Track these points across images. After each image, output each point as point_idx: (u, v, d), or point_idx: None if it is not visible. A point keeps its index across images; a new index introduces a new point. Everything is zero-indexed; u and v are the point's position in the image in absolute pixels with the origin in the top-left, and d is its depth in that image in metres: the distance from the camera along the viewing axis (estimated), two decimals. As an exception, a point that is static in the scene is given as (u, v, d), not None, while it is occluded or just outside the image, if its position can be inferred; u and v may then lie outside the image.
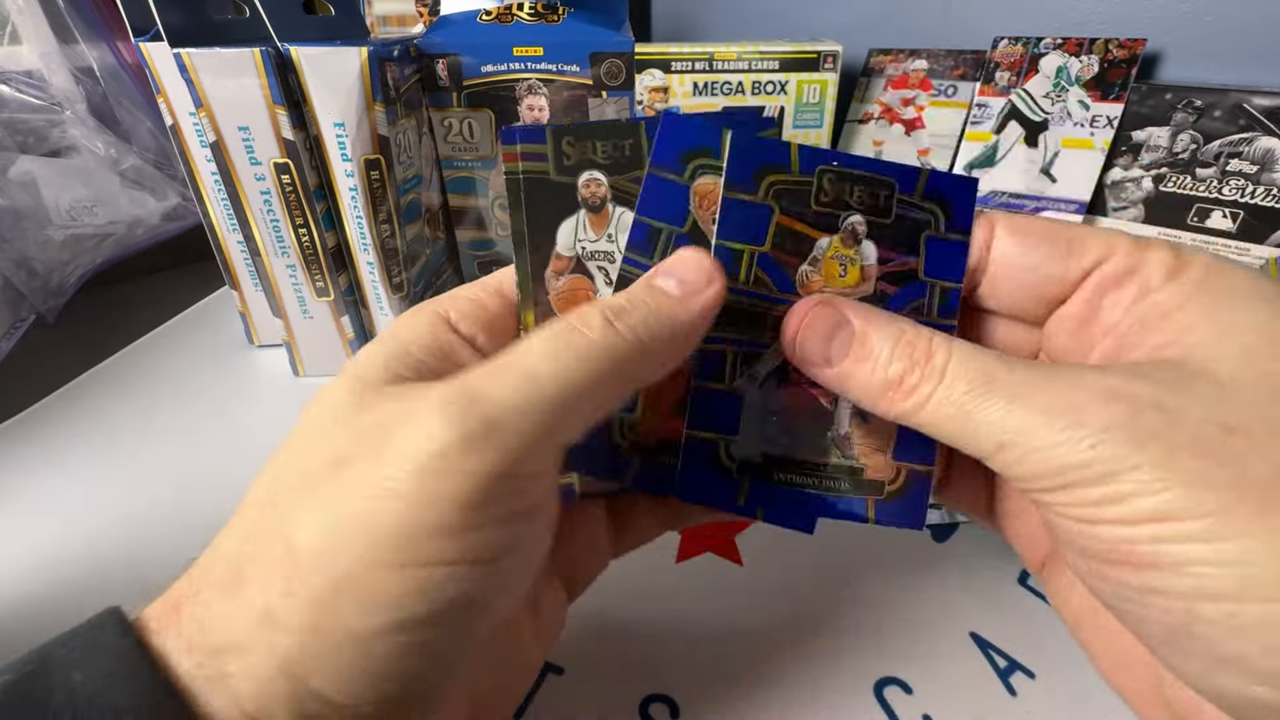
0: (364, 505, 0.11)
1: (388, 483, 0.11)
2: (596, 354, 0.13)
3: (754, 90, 0.60)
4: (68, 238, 0.45)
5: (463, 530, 0.11)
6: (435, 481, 0.11)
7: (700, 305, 0.14)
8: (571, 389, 0.12)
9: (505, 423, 0.12)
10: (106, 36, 0.48)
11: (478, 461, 0.11)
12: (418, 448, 0.11)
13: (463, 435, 0.11)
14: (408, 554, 0.11)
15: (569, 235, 0.17)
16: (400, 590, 0.11)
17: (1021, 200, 0.59)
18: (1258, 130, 0.50)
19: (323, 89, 0.32)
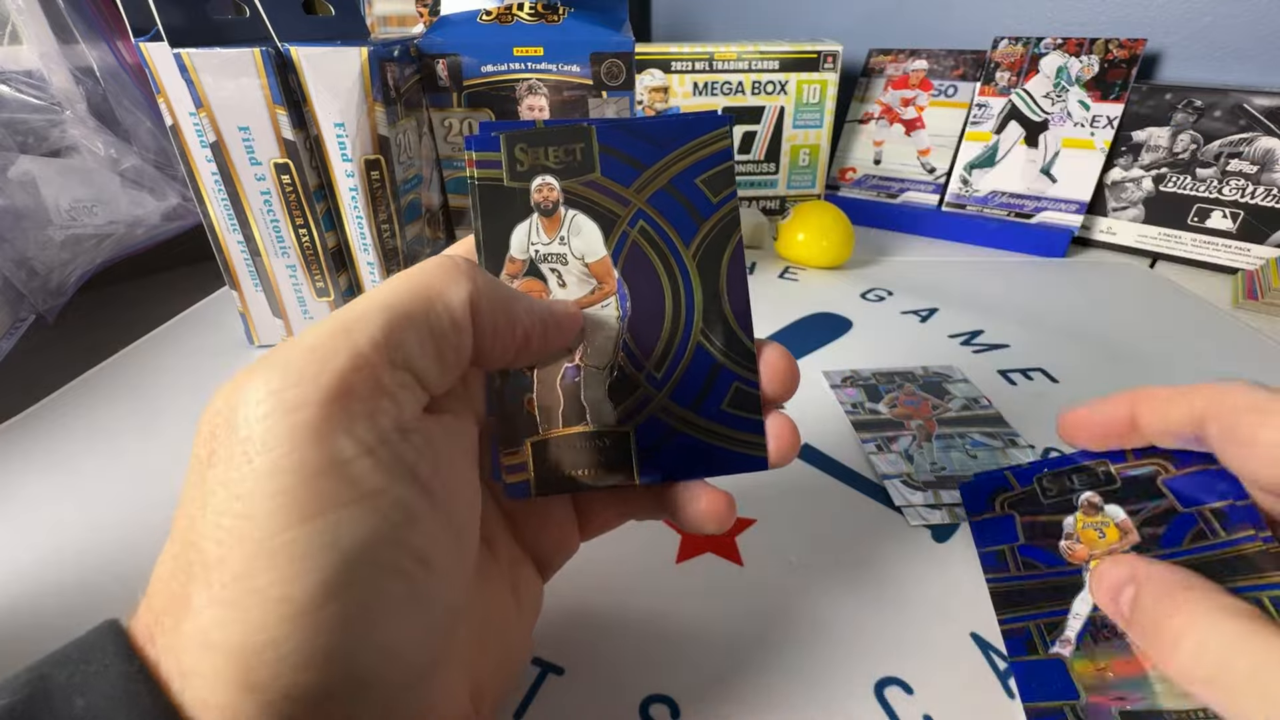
0: (238, 487, 0.11)
1: (245, 455, 0.11)
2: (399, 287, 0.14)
3: (754, 90, 0.60)
4: (68, 238, 0.45)
5: (332, 466, 0.11)
6: (281, 431, 0.11)
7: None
8: (372, 313, 0.13)
9: (312, 355, 0.12)
10: (106, 36, 0.48)
11: (301, 393, 0.12)
12: (251, 413, 0.11)
13: (282, 377, 0.12)
14: (294, 512, 0.11)
15: (523, 239, 0.18)
16: (306, 552, 0.11)
17: (1021, 200, 0.59)
18: (1258, 130, 0.50)
19: (323, 89, 0.32)
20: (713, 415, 0.18)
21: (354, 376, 0.12)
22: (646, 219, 0.18)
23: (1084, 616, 0.20)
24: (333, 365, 0.12)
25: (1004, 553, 0.22)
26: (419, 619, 0.12)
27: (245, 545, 0.11)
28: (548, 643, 0.23)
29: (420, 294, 0.13)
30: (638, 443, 0.18)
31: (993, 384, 0.37)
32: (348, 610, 0.11)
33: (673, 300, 0.18)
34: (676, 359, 0.18)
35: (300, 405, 0.11)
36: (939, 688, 0.21)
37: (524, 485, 0.18)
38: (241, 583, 0.11)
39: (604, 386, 0.18)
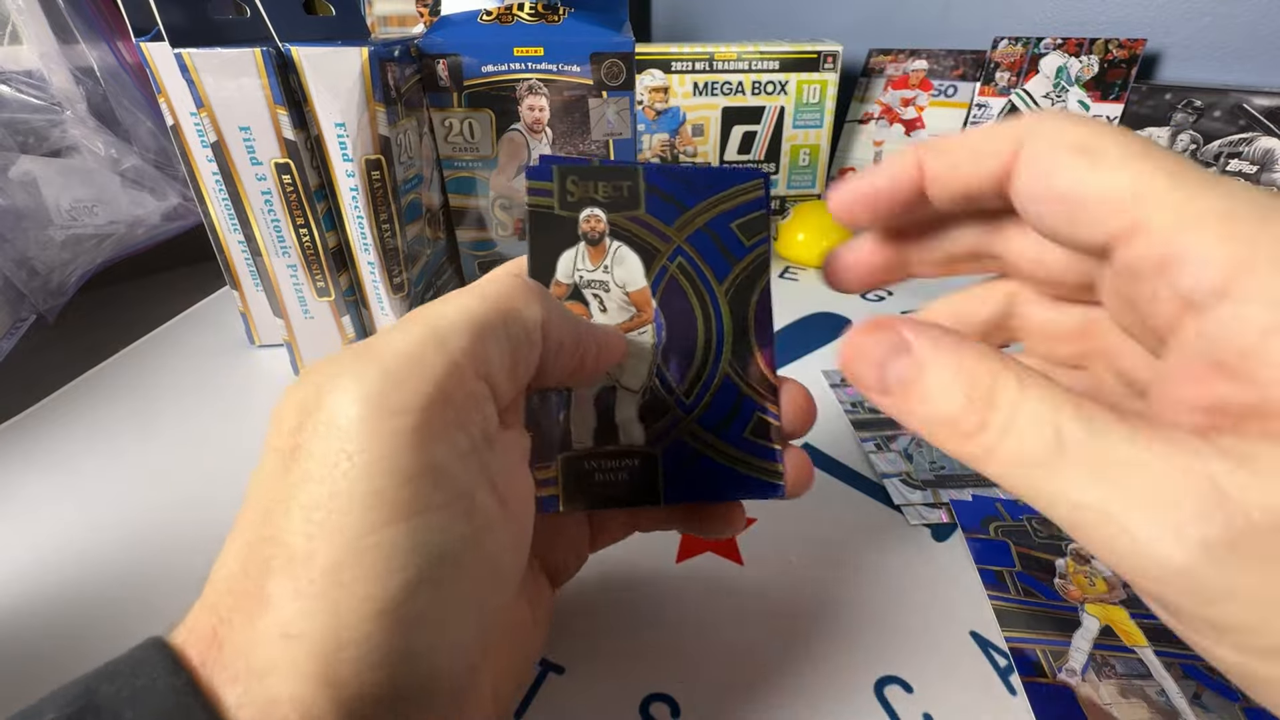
0: (335, 484, 0.11)
1: (344, 453, 0.11)
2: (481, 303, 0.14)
3: (754, 90, 0.60)
4: (68, 238, 0.45)
5: (424, 471, 0.12)
6: (383, 433, 0.11)
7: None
8: (461, 324, 0.13)
9: (411, 362, 0.12)
10: (107, 36, 0.48)
11: (402, 399, 0.12)
12: (350, 411, 0.12)
13: (381, 381, 0.12)
14: (388, 512, 0.11)
15: (569, 264, 0.19)
16: (395, 552, 0.11)
17: (1021, 200, 0.59)
18: (1257, 130, 0.50)
19: (324, 89, 0.32)
20: (735, 441, 0.19)
21: (451, 385, 0.12)
22: (685, 255, 0.19)
23: (1085, 651, 0.22)
24: (432, 374, 0.12)
25: (1003, 574, 0.24)
26: (479, 620, 0.13)
27: (336, 540, 0.11)
28: (548, 642, 0.23)
29: (501, 308, 0.14)
30: (664, 464, 0.19)
31: (992, 384, 0.37)
32: (427, 611, 0.12)
33: (704, 331, 0.19)
34: (705, 386, 0.19)
35: (403, 411, 0.12)
36: (939, 687, 0.21)
37: (553, 499, 0.18)
38: (330, 577, 0.11)
39: (636, 408, 0.19)
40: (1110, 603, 0.23)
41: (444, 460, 0.12)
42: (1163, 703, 0.20)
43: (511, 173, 0.42)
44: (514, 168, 0.41)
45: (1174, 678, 0.21)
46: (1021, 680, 0.21)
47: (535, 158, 0.41)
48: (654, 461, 0.19)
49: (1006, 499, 0.28)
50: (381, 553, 0.11)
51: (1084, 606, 0.23)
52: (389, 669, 0.11)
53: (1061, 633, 0.22)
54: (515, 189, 0.42)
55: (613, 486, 0.18)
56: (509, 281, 0.15)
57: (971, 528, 0.26)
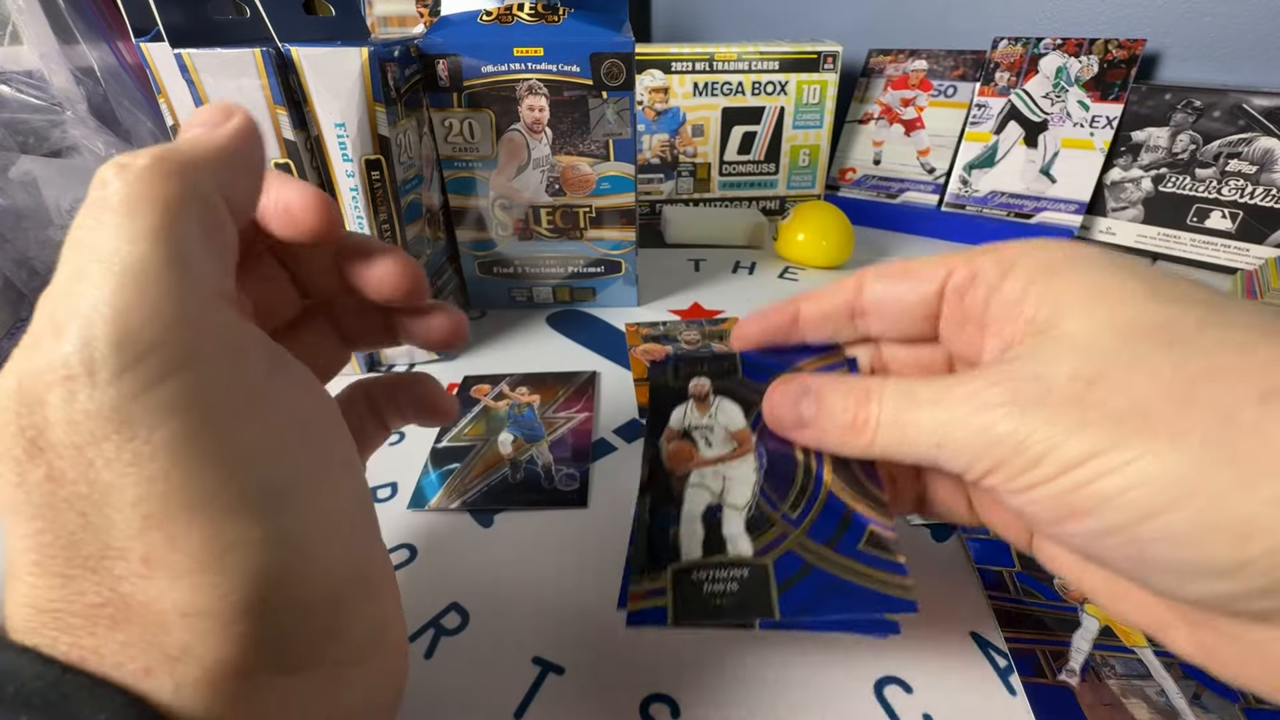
0: (132, 466, 0.11)
1: (119, 440, 0.11)
2: (137, 200, 0.12)
3: (754, 91, 0.60)
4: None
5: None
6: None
7: (224, 125, 0.14)
8: (142, 243, 0.11)
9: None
10: (107, 37, 0.48)
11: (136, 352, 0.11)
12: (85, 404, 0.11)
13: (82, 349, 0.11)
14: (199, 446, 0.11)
15: (680, 416, 0.23)
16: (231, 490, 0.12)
17: (1021, 200, 0.59)
18: (1257, 130, 0.50)
19: (323, 89, 0.32)
20: (849, 553, 0.19)
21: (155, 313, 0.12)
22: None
23: (1085, 652, 0.22)
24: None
25: (1003, 575, 0.24)
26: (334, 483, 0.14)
27: (173, 509, 0.11)
28: (548, 643, 0.23)
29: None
30: (776, 575, 0.19)
31: (992, 384, 0.37)
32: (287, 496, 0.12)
33: (804, 459, 0.21)
34: (811, 501, 0.20)
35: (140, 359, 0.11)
36: (938, 686, 0.21)
37: (661, 611, 0.19)
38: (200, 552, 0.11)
39: (742, 522, 0.20)
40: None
41: (256, 391, 0.12)
42: (1162, 703, 0.20)
43: (511, 173, 0.42)
44: (514, 168, 0.41)
45: (1174, 678, 0.21)
46: (1021, 680, 0.21)
47: (534, 158, 0.41)
48: (764, 571, 0.19)
49: None
50: (243, 502, 0.11)
51: (1084, 607, 0.23)
52: (269, 582, 0.12)
53: (1061, 633, 0.22)
54: (515, 189, 0.42)
55: (723, 596, 0.19)
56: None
57: (970, 528, 0.26)
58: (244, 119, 0.15)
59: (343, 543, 0.14)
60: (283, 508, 0.12)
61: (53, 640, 0.11)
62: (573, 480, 0.30)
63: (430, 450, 0.32)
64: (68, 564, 0.11)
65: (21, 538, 0.11)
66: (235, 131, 0.14)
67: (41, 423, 0.11)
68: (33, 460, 0.11)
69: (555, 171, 0.42)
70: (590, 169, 0.42)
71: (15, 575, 0.11)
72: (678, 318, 0.45)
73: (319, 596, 0.13)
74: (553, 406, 0.35)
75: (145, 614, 0.11)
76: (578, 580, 0.25)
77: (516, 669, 0.22)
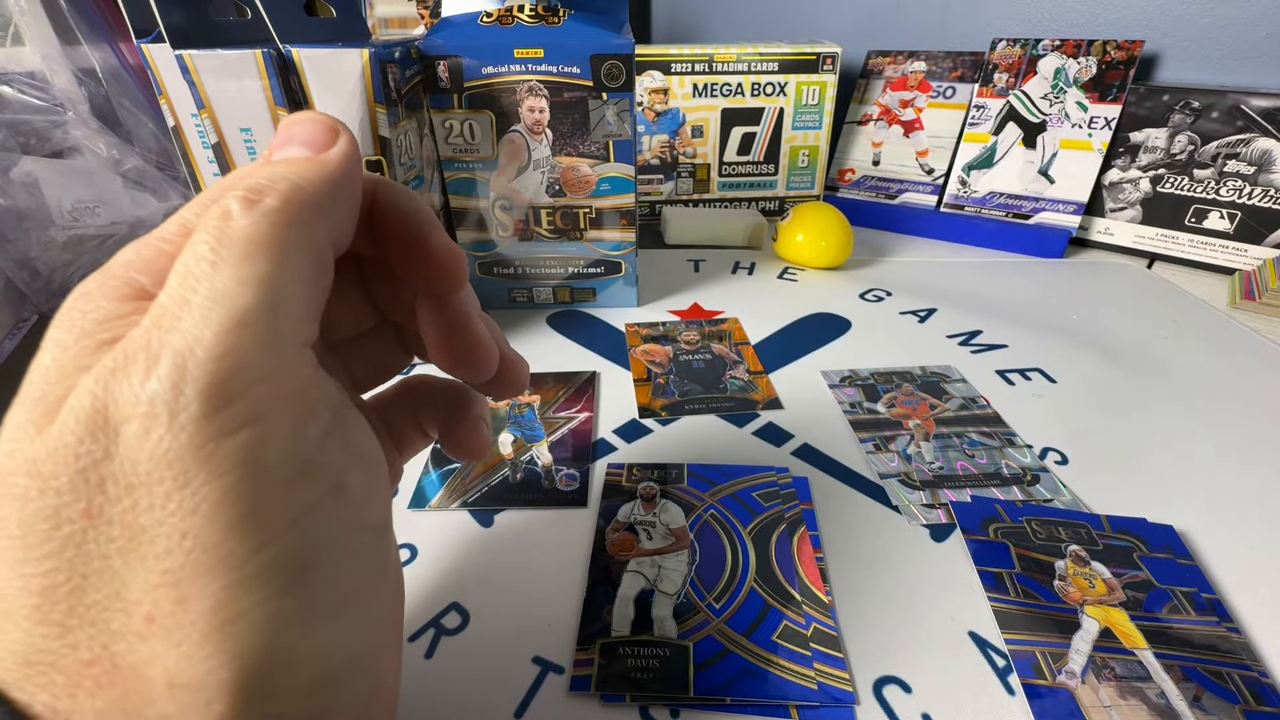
0: (176, 526, 0.10)
1: (166, 496, 0.10)
2: (260, 242, 0.11)
3: (753, 92, 0.60)
4: (70, 238, 0.45)
5: (295, 476, 0.11)
6: (211, 459, 0.10)
7: (338, 156, 0.13)
8: (254, 288, 0.11)
9: (192, 356, 0.10)
10: (108, 38, 0.48)
11: (236, 413, 0.10)
12: (159, 444, 0.10)
13: (198, 402, 0.10)
14: (260, 535, 0.11)
15: (627, 511, 0.28)
16: (276, 568, 0.11)
17: (1019, 201, 0.59)
18: (1255, 131, 0.50)
19: (324, 90, 0.32)
20: (764, 643, 0.22)
21: (291, 378, 0.12)
22: (716, 510, 0.28)
23: (1085, 653, 0.22)
24: (265, 370, 0.11)
25: (1002, 576, 0.25)
26: (375, 602, 0.14)
27: (205, 581, 0.11)
28: (548, 643, 0.23)
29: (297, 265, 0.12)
30: (695, 656, 0.21)
31: (991, 384, 0.37)
32: (330, 617, 0.12)
33: (732, 558, 0.25)
34: (733, 596, 0.24)
35: (240, 425, 0.11)
36: (938, 686, 0.21)
37: (586, 680, 0.21)
38: (212, 618, 0.11)
39: (671, 607, 0.23)
40: (1110, 605, 0.23)
41: (309, 456, 0.11)
42: (1162, 705, 0.20)
43: (511, 174, 0.42)
44: (514, 169, 0.42)
45: (1174, 680, 0.21)
46: (1020, 681, 0.21)
47: (535, 160, 0.41)
48: (685, 653, 0.22)
49: (1005, 500, 0.28)
50: (263, 574, 0.11)
51: (1083, 608, 0.23)
52: (309, 697, 0.11)
53: (1061, 634, 0.22)
54: (515, 190, 0.42)
55: (644, 671, 0.21)
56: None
57: (970, 529, 0.26)
58: (349, 144, 0.14)
59: (353, 621, 0.13)
60: (300, 585, 0.11)
61: (29, 697, 0.10)
62: (573, 480, 0.30)
63: (431, 450, 0.32)
64: (69, 612, 0.10)
65: (26, 576, 0.10)
66: (343, 161, 0.13)
67: (103, 453, 0.10)
68: (75, 492, 0.10)
69: (555, 172, 0.42)
70: (590, 170, 0.42)
71: (7, 615, 0.10)
72: (677, 318, 0.46)
73: (312, 681, 0.12)
74: (553, 406, 0.35)
75: (131, 680, 0.10)
76: (578, 580, 0.25)
77: (516, 669, 0.22)
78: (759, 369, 0.39)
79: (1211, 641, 0.22)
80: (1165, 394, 0.36)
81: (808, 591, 0.24)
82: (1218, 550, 0.26)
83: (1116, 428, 0.33)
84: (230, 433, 0.10)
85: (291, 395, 0.11)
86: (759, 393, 0.36)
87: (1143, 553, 0.25)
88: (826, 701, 0.20)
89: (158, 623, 0.10)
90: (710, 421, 0.34)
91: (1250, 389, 0.37)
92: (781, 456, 0.31)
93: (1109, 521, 0.27)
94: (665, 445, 0.32)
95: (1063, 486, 0.29)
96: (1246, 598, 0.24)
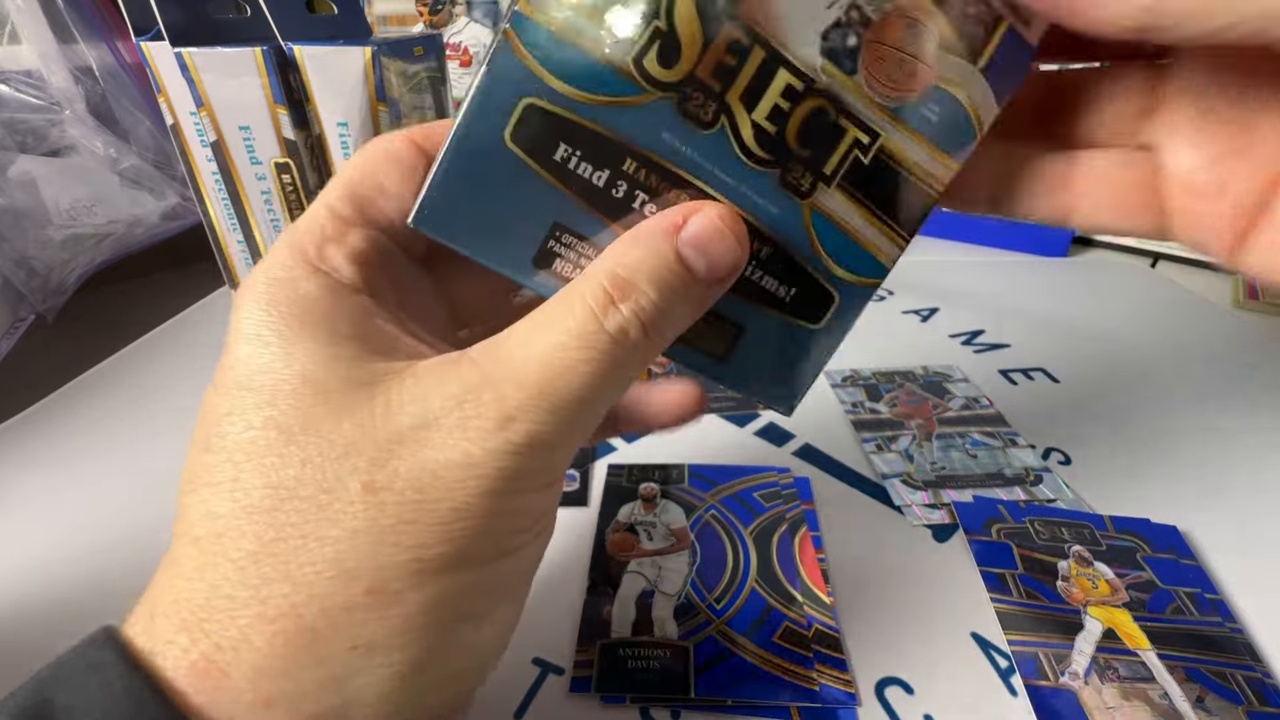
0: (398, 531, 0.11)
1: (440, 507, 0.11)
2: (613, 351, 0.12)
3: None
4: (67, 237, 0.45)
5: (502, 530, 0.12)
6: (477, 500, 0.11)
7: (718, 290, 0.13)
8: (594, 390, 0.12)
9: (539, 438, 0.12)
10: (106, 36, 0.48)
11: (511, 483, 0.12)
12: (456, 473, 0.11)
13: (500, 452, 0.11)
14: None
15: (628, 512, 0.28)
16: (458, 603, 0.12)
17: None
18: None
19: (326, 88, 0.32)
20: (765, 644, 0.22)
21: (552, 466, 0.14)
22: (717, 510, 0.27)
23: (1088, 654, 0.22)
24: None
25: (1005, 577, 0.25)
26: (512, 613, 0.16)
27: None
28: (548, 643, 0.22)
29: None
30: (695, 658, 0.21)
31: (993, 383, 0.37)
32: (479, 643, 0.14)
33: (733, 559, 0.25)
34: (734, 597, 0.23)
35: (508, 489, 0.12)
36: (940, 688, 0.21)
37: (586, 680, 0.21)
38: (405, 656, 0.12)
39: (671, 609, 0.23)
40: (1113, 605, 0.23)
41: (547, 510, 0.14)
42: (1165, 706, 0.20)
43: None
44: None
45: (1177, 681, 0.21)
46: (1023, 683, 0.21)
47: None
48: (685, 654, 0.21)
49: (1009, 500, 0.28)
50: (488, 582, 0.13)
51: (1086, 609, 0.23)
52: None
53: (1064, 635, 0.22)
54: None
55: (645, 672, 0.21)
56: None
57: (973, 529, 0.26)
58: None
59: (499, 639, 0.15)
60: (493, 603, 0.14)
61: (182, 652, 0.11)
62: (572, 480, 0.30)
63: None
64: (279, 563, 0.11)
65: (254, 515, 0.11)
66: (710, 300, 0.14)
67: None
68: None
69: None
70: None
71: (219, 549, 0.11)
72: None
73: (463, 671, 0.14)
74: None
75: (307, 640, 0.11)
76: (578, 581, 0.25)
77: (516, 669, 0.22)
78: (760, 368, 0.39)
79: (1215, 642, 0.22)
80: (1169, 394, 0.36)
81: (809, 592, 0.24)
82: (1221, 551, 0.26)
83: (1119, 428, 0.33)
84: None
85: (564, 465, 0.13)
86: (760, 392, 0.36)
87: (1146, 553, 0.25)
88: (828, 703, 0.20)
89: (376, 596, 0.11)
90: (711, 421, 0.34)
91: (1254, 389, 0.37)
92: (783, 456, 0.31)
93: (1112, 522, 0.26)
94: (665, 445, 0.32)
95: (1065, 487, 0.29)
96: (1250, 598, 0.24)
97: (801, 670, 0.21)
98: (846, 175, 0.14)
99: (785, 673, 0.21)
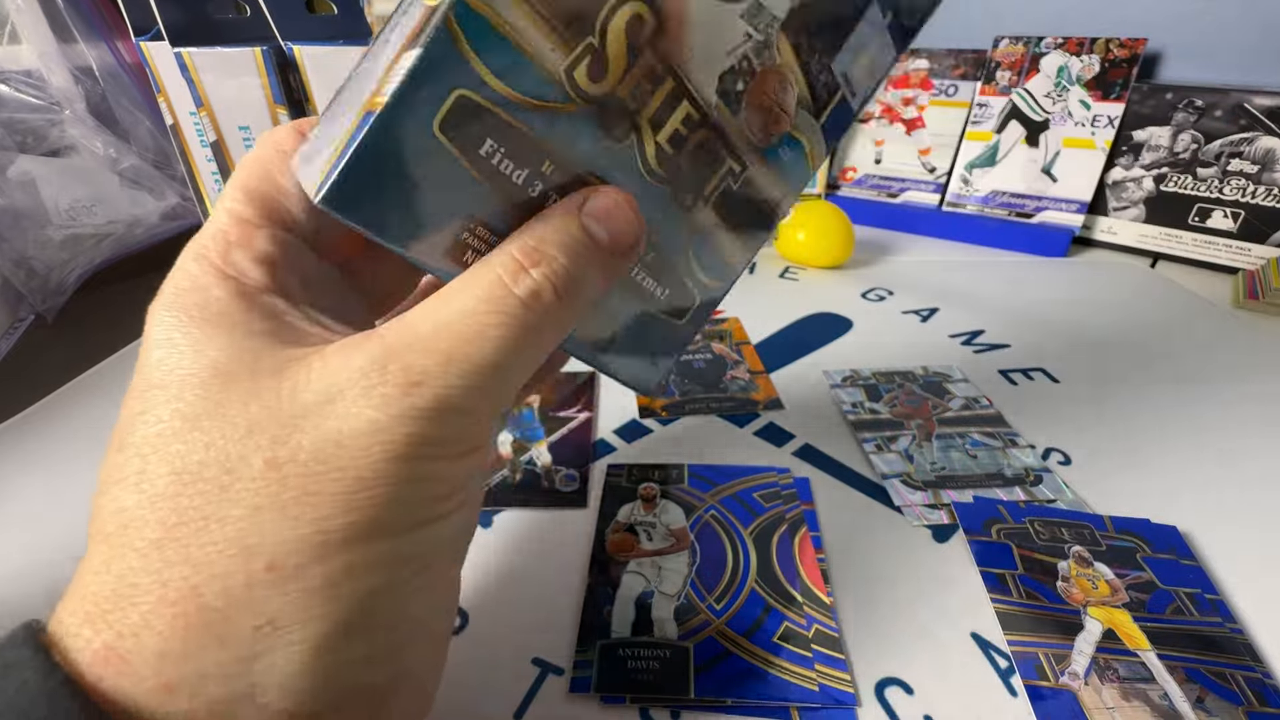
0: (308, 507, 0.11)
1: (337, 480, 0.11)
2: (524, 315, 0.12)
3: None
4: (67, 237, 0.45)
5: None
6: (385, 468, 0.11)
7: (623, 263, 0.14)
8: (507, 354, 0.12)
9: (448, 402, 0.12)
10: (105, 36, 0.48)
11: (421, 449, 0.12)
12: (360, 440, 0.11)
13: (406, 417, 0.11)
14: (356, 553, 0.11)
15: (627, 512, 0.27)
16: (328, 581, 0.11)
17: (1022, 200, 0.59)
18: (1258, 130, 0.50)
19: (326, 88, 0.32)
20: (764, 645, 0.22)
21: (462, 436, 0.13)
22: (717, 510, 0.27)
23: (1088, 654, 0.22)
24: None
25: (1005, 577, 0.24)
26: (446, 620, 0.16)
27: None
28: (548, 643, 0.22)
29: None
30: (695, 658, 0.21)
31: (993, 384, 0.37)
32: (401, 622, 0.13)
33: (733, 559, 0.25)
34: (734, 597, 0.23)
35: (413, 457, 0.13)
36: (940, 688, 0.21)
37: (586, 681, 0.21)
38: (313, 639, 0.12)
39: (671, 610, 0.23)
40: (1113, 606, 0.23)
41: (465, 481, 0.13)
42: (1166, 707, 0.20)
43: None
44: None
45: (1177, 681, 0.21)
46: (1023, 683, 0.21)
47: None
48: (685, 654, 0.21)
49: (1008, 501, 0.28)
50: (401, 553, 0.12)
51: (1086, 609, 0.23)
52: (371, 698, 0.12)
53: (1064, 636, 0.22)
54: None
55: (645, 673, 0.21)
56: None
57: (973, 529, 0.26)
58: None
59: (430, 614, 0.14)
60: (415, 574, 0.13)
61: (85, 644, 0.11)
62: (572, 481, 0.30)
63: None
64: (181, 546, 0.11)
65: (157, 500, 0.11)
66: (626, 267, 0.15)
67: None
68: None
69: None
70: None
71: (125, 540, 0.11)
72: (678, 317, 0.45)
73: (383, 651, 0.13)
74: (552, 407, 0.35)
75: (208, 619, 0.11)
76: (577, 581, 0.25)
77: (516, 670, 0.22)
78: (760, 369, 0.39)
79: (1215, 642, 0.22)
80: (1168, 394, 0.36)
81: (809, 592, 0.24)
82: (1221, 551, 0.26)
83: (1119, 428, 0.33)
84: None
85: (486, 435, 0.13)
86: (760, 393, 0.36)
87: (1146, 553, 0.25)
88: (828, 703, 0.20)
89: (277, 572, 0.11)
90: (710, 422, 0.34)
91: (1254, 389, 0.37)
92: (782, 457, 0.31)
93: (1112, 522, 0.26)
94: (665, 445, 0.32)
95: (1065, 487, 0.29)
96: (1250, 598, 0.24)
97: (801, 670, 0.21)
98: (719, 197, 0.16)
99: (786, 673, 0.21)
